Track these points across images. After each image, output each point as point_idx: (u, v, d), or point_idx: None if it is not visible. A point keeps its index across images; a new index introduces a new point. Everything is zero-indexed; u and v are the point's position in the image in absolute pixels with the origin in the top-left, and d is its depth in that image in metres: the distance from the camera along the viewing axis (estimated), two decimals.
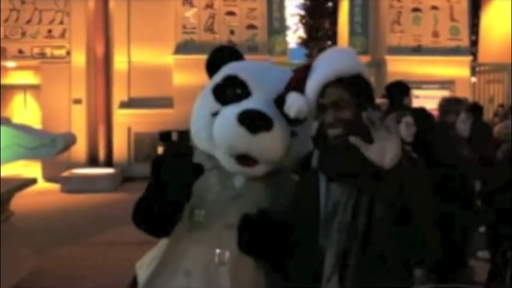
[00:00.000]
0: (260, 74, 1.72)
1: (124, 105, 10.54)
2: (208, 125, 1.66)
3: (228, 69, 1.75)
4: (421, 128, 3.28)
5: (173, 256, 1.67)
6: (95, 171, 9.72)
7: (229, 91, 1.68)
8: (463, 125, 4.39)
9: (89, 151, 10.38)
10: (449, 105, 4.68)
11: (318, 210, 1.53)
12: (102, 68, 10.62)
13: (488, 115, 9.36)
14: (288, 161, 1.67)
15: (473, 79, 12.26)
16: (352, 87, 1.50)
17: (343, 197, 1.50)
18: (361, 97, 1.50)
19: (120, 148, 10.51)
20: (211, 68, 1.81)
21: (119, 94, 10.60)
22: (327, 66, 1.52)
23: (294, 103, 1.54)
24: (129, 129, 10.47)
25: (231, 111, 1.59)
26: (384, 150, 1.36)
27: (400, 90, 4.17)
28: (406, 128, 3.82)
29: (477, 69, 12.34)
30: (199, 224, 1.65)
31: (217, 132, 1.62)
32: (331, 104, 1.49)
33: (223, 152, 1.64)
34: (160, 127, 9.76)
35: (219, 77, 1.74)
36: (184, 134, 1.69)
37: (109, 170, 9.86)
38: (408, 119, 3.36)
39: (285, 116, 1.61)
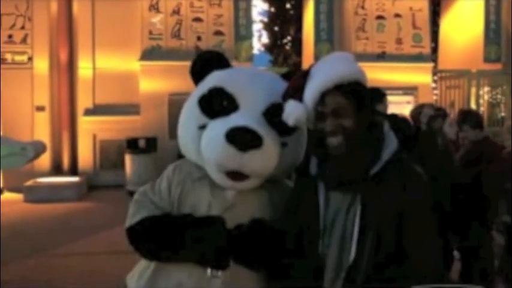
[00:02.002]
0: (248, 86, 1.67)
1: (89, 112, 10.32)
2: (196, 138, 1.63)
3: (214, 80, 1.69)
4: (407, 133, 3.35)
5: (165, 268, 1.64)
6: (60, 180, 9.47)
7: (216, 104, 1.63)
8: (450, 128, 4.58)
9: (53, 159, 10.10)
10: (418, 108, 4.85)
11: (317, 218, 1.51)
12: (66, 74, 10.38)
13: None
14: (279, 171, 1.66)
15: (433, 85, 12.61)
16: (352, 94, 1.48)
17: (344, 206, 1.49)
18: (361, 104, 1.49)
19: (85, 156, 10.28)
20: (196, 74, 1.77)
21: (84, 101, 10.37)
22: (325, 73, 1.50)
23: (293, 111, 1.52)
24: (94, 137, 10.26)
25: (219, 128, 1.55)
26: None
27: (373, 96, 4.24)
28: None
29: (438, 75, 12.70)
30: None
31: (205, 149, 1.58)
32: (330, 112, 1.47)
33: (213, 168, 1.60)
34: (126, 134, 9.67)
35: (205, 87, 1.69)
36: (152, 141, 1.67)
37: (74, 179, 9.63)
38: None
39: (276, 127, 1.60)
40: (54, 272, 5.04)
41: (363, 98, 1.50)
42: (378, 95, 4.07)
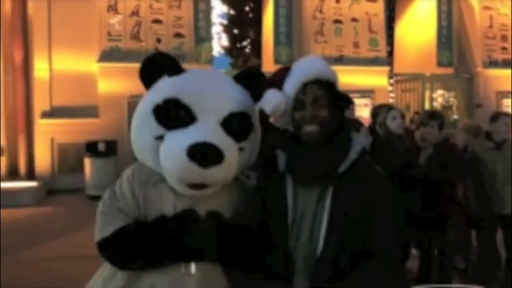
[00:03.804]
0: (204, 95, 1.66)
1: (46, 114, 10.07)
2: (153, 148, 1.63)
3: (168, 90, 1.66)
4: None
5: (134, 273, 1.64)
6: (16, 185, 9.20)
7: (172, 115, 1.62)
8: (393, 122, 4.70)
9: (8, 164, 9.82)
10: (376, 108, 5.01)
11: (285, 213, 1.59)
12: (21, 75, 10.10)
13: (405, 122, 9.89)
14: (237, 174, 1.72)
15: (390, 88, 12.98)
16: (329, 89, 1.63)
17: (313, 200, 1.58)
18: (334, 102, 1.63)
19: (43, 160, 10.01)
20: (147, 78, 1.72)
21: (40, 103, 10.10)
22: (308, 66, 1.66)
23: (272, 99, 1.62)
24: (52, 140, 10.00)
25: (179, 143, 1.55)
26: None
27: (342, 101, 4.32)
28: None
29: (394, 78, 13.07)
30: None
31: (166, 163, 1.59)
32: (311, 101, 1.60)
33: (174, 180, 1.62)
34: (85, 137, 9.50)
35: (159, 96, 1.65)
36: (112, 145, 1.66)
37: (31, 183, 9.37)
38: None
39: (233, 134, 1.64)
40: (12, 277, 4.93)
41: (336, 96, 1.64)
42: (346, 101, 4.17)
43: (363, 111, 9.94)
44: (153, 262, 1.61)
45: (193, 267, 1.61)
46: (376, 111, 4.95)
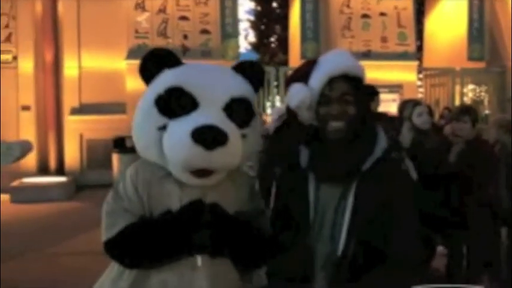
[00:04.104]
0: (205, 83, 1.66)
1: (75, 111, 10.26)
2: (157, 140, 1.61)
3: (170, 79, 1.66)
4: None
5: (142, 272, 1.63)
6: (47, 180, 9.41)
7: (174, 104, 1.61)
8: (418, 118, 4.59)
9: (39, 159, 10.01)
10: (403, 104, 4.89)
11: (307, 210, 1.56)
12: (51, 73, 10.32)
13: (434, 117, 9.72)
14: (241, 162, 1.70)
15: (419, 83, 12.75)
16: (356, 85, 1.57)
17: (335, 198, 1.53)
18: (360, 97, 1.58)
19: (72, 156, 10.21)
20: (147, 73, 1.71)
21: (70, 100, 10.30)
22: (335, 61, 1.60)
23: (296, 93, 1.59)
24: (81, 136, 10.20)
25: (183, 128, 1.55)
26: None
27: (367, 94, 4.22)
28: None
29: (423, 73, 12.84)
30: None
31: (170, 151, 1.58)
32: (338, 97, 1.55)
33: (178, 168, 1.61)
34: (113, 133, 9.62)
35: (160, 86, 1.65)
36: None
37: (61, 179, 9.57)
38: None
39: (235, 120, 1.63)
40: (42, 272, 5.03)
41: (362, 92, 1.60)
42: (370, 92, 4.10)
43: (390, 106, 9.79)
44: (160, 258, 1.60)
45: (199, 260, 1.60)
46: (402, 107, 4.86)
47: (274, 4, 19.18)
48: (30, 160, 9.43)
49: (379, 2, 11.58)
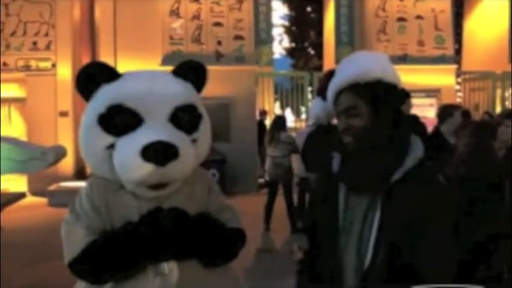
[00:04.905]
0: (146, 97, 1.62)
1: None
2: (106, 158, 1.59)
3: (109, 96, 1.61)
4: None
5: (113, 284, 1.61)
6: (83, 185, 9.54)
7: (118, 121, 1.58)
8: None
9: (75, 164, 10.23)
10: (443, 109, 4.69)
11: (337, 218, 1.50)
12: None
13: None
14: (195, 165, 1.70)
15: (457, 87, 12.42)
16: (367, 93, 1.45)
17: (362, 208, 1.46)
18: (379, 104, 1.45)
19: None
20: (84, 90, 1.68)
21: None
22: (342, 73, 1.50)
23: (312, 109, 1.59)
24: None
25: (131, 147, 1.52)
26: None
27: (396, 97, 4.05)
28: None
29: (462, 77, 12.51)
30: None
31: (122, 171, 1.56)
32: (342, 112, 1.48)
33: (132, 185, 1.59)
34: None
35: (101, 105, 1.60)
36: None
37: None
38: None
39: (183, 128, 1.61)
40: None
41: (382, 97, 1.46)
42: (401, 95, 3.96)
43: (428, 111, 9.57)
44: (127, 270, 1.56)
45: (165, 267, 1.58)
46: (442, 112, 4.70)
47: (309, 9, 19.10)
48: (67, 164, 9.64)
49: (415, 4, 11.36)
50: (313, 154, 3.77)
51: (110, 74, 1.67)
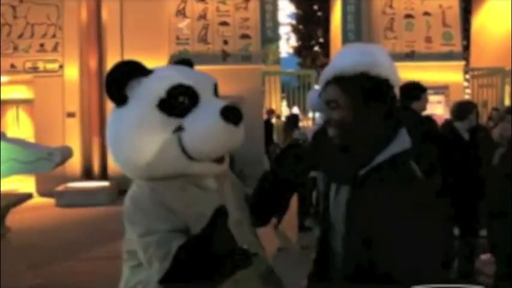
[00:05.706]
0: (193, 74, 1.67)
1: None
2: (174, 144, 1.52)
3: (164, 82, 1.56)
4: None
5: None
6: (91, 185, 9.63)
7: (182, 100, 1.54)
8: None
9: (83, 164, 10.27)
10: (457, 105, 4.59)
11: (328, 214, 1.53)
12: (95, 80, 10.54)
13: (482, 119, 9.39)
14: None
15: (466, 84, 12.33)
16: (350, 87, 1.42)
17: (343, 202, 1.47)
18: (362, 97, 1.41)
19: None
20: (119, 90, 1.58)
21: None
22: (329, 66, 1.51)
23: (309, 100, 1.61)
24: None
25: (210, 113, 1.52)
26: None
27: (409, 92, 3.89)
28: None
29: (470, 73, 12.41)
30: None
31: (200, 144, 1.51)
32: (326, 103, 1.48)
33: (203, 158, 1.55)
34: None
35: (155, 92, 1.54)
36: None
37: (104, 183, 9.75)
38: None
39: None
40: (85, 276, 5.11)
41: (366, 91, 1.41)
42: (414, 91, 3.90)
43: (436, 108, 9.50)
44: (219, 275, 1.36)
45: None
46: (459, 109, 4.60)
47: (316, 7, 19.05)
48: (75, 165, 9.68)
49: (423, 1, 11.28)
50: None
51: (145, 68, 1.62)
